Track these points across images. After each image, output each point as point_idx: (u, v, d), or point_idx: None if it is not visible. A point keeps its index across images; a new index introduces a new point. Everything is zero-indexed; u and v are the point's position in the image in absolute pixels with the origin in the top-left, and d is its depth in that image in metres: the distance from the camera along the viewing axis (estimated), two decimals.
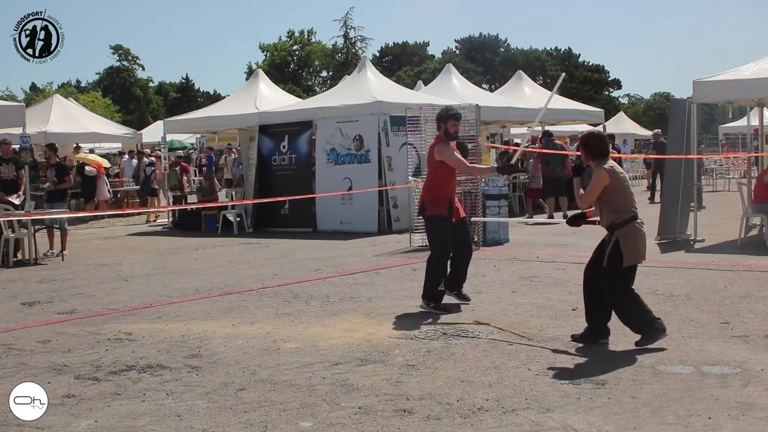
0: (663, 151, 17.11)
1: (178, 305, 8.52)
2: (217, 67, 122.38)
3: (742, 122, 28.29)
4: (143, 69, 75.04)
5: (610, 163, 6.18)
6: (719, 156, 29.49)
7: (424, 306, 7.78)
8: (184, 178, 21.80)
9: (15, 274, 11.47)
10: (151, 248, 14.20)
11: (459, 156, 7.96)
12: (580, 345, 6.21)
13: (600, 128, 24.26)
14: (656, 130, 22.35)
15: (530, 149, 19.82)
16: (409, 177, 13.55)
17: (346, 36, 76.53)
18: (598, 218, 6.35)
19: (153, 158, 23.26)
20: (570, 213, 16.50)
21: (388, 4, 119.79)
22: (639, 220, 6.16)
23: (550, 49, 78.56)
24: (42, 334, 7.31)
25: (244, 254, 12.83)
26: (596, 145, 6.26)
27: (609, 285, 6.15)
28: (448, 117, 7.98)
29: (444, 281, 7.95)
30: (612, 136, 23.98)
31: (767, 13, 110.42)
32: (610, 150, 6.42)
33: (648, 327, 6.06)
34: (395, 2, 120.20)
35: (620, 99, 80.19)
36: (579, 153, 6.61)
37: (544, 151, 16.87)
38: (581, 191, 6.35)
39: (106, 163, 23.87)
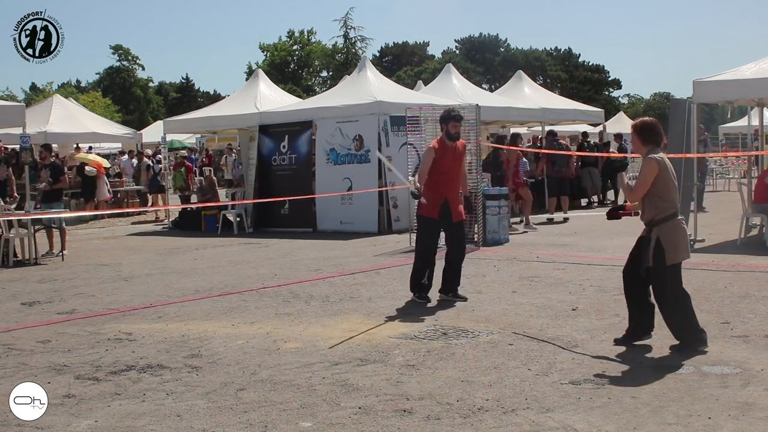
0: None
1: (178, 305, 8.53)
2: (217, 67, 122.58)
3: (742, 122, 28.31)
4: (143, 69, 75.19)
5: (661, 154, 6.01)
6: (719, 155, 29.48)
7: (413, 296, 8.25)
8: (190, 177, 21.83)
9: (15, 274, 11.48)
10: (151, 248, 14.21)
11: (429, 164, 8.08)
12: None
13: (600, 128, 24.37)
14: None
15: (532, 149, 19.81)
16: (409, 177, 13.53)
17: (346, 36, 76.60)
18: (639, 211, 6.14)
19: (160, 156, 23.26)
20: (570, 213, 16.64)
21: (388, 4, 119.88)
22: (680, 217, 6.02)
23: (550, 49, 78.59)
24: (42, 334, 7.32)
25: (244, 254, 12.83)
26: (651, 132, 6.07)
27: (657, 285, 6.04)
28: (449, 118, 8.23)
29: (441, 286, 8.28)
30: (620, 136, 24.07)
31: (767, 13, 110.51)
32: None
33: (688, 337, 5.92)
34: (395, 2, 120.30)
35: (620, 99, 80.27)
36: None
37: (544, 151, 16.86)
38: (626, 183, 6.26)
39: (106, 163, 23.87)
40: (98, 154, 24.81)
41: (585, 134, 21.31)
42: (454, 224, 8.21)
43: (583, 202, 20.02)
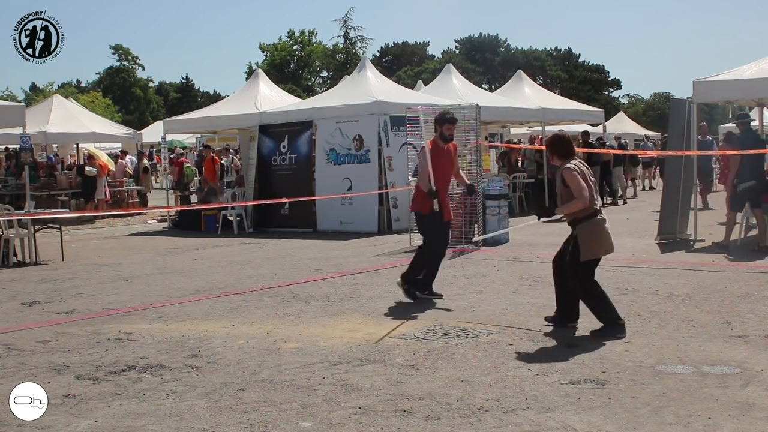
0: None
1: (178, 305, 8.52)
2: (217, 67, 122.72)
3: None
4: (143, 69, 75.28)
5: (575, 161, 6.58)
6: (718, 153, 29.40)
7: (399, 284, 8.31)
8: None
9: (15, 274, 11.47)
10: (151, 248, 14.20)
11: (428, 164, 8.14)
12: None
13: (600, 128, 24.37)
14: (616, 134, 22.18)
15: (530, 146, 19.81)
16: (409, 177, 13.53)
17: (346, 36, 76.63)
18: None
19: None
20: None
21: (388, 4, 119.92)
22: (600, 216, 6.50)
23: (550, 49, 78.60)
24: (42, 334, 7.32)
25: (244, 254, 12.83)
26: (563, 147, 6.67)
27: (572, 278, 6.59)
28: (444, 120, 8.43)
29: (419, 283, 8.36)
30: (618, 138, 24.21)
31: (767, 13, 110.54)
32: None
33: (609, 321, 6.43)
34: (395, 2, 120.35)
35: (620, 99, 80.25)
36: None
37: (530, 147, 16.85)
38: (564, 207, 6.61)
39: (111, 166, 23.91)
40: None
41: (586, 133, 21.21)
42: (444, 223, 8.42)
43: None
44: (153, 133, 29.87)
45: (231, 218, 16.82)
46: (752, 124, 24.58)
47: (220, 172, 18.90)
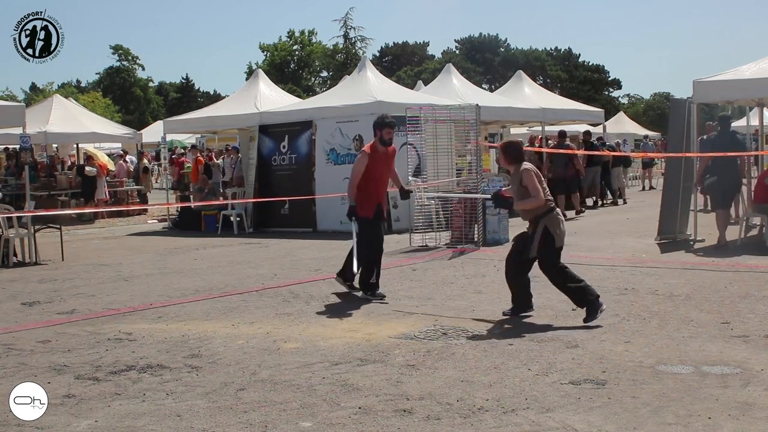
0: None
1: (178, 305, 8.52)
2: (217, 67, 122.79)
3: (741, 122, 28.28)
4: (143, 69, 75.27)
5: (527, 164, 7.15)
6: (719, 155, 29.41)
7: (363, 296, 8.51)
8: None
9: (15, 274, 11.47)
10: (151, 248, 14.20)
11: (361, 170, 8.47)
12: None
13: (600, 128, 24.37)
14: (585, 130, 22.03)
15: (529, 148, 19.76)
16: (409, 177, 13.53)
17: (346, 36, 76.64)
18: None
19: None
20: (582, 209, 16.98)
21: (388, 4, 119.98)
22: (558, 210, 7.17)
23: (550, 49, 78.61)
24: (42, 334, 7.32)
25: (244, 254, 12.83)
26: (516, 152, 7.22)
27: (548, 266, 7.08)
28: (383, 125, 8.60)
29: (343, 271, 8.73)
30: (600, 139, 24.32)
31: (767, 13, 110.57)
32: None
33: (589, 302, 6.85)
34: (395, 2, 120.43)
35: (620, 99, 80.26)
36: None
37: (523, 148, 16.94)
38: (522, 201, 7.18)
39: (111, 165, 23.89)
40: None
41: (587, 133, 21.15)
42: (380, 224, 8.77)
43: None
44: (153, 133, 29.85)
45: (231, 218, 16.81)
46: (752, 123, 24.66)
47: (207, 171, 18.91)
